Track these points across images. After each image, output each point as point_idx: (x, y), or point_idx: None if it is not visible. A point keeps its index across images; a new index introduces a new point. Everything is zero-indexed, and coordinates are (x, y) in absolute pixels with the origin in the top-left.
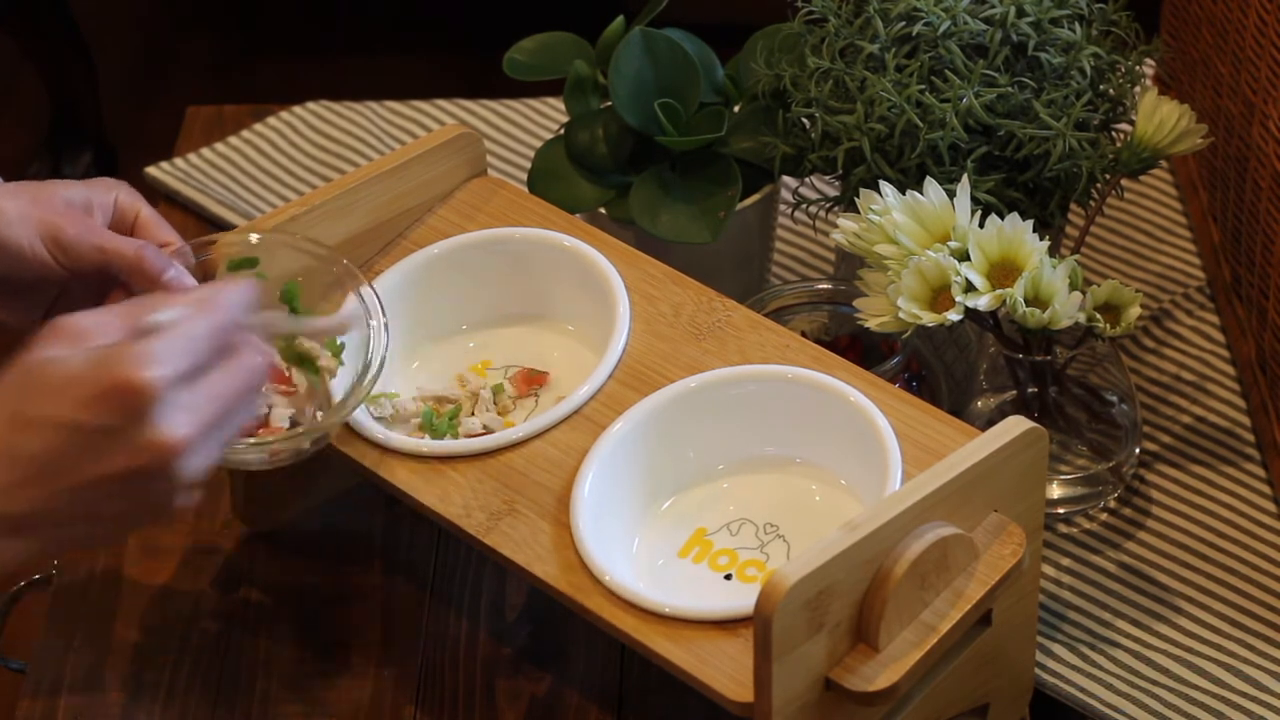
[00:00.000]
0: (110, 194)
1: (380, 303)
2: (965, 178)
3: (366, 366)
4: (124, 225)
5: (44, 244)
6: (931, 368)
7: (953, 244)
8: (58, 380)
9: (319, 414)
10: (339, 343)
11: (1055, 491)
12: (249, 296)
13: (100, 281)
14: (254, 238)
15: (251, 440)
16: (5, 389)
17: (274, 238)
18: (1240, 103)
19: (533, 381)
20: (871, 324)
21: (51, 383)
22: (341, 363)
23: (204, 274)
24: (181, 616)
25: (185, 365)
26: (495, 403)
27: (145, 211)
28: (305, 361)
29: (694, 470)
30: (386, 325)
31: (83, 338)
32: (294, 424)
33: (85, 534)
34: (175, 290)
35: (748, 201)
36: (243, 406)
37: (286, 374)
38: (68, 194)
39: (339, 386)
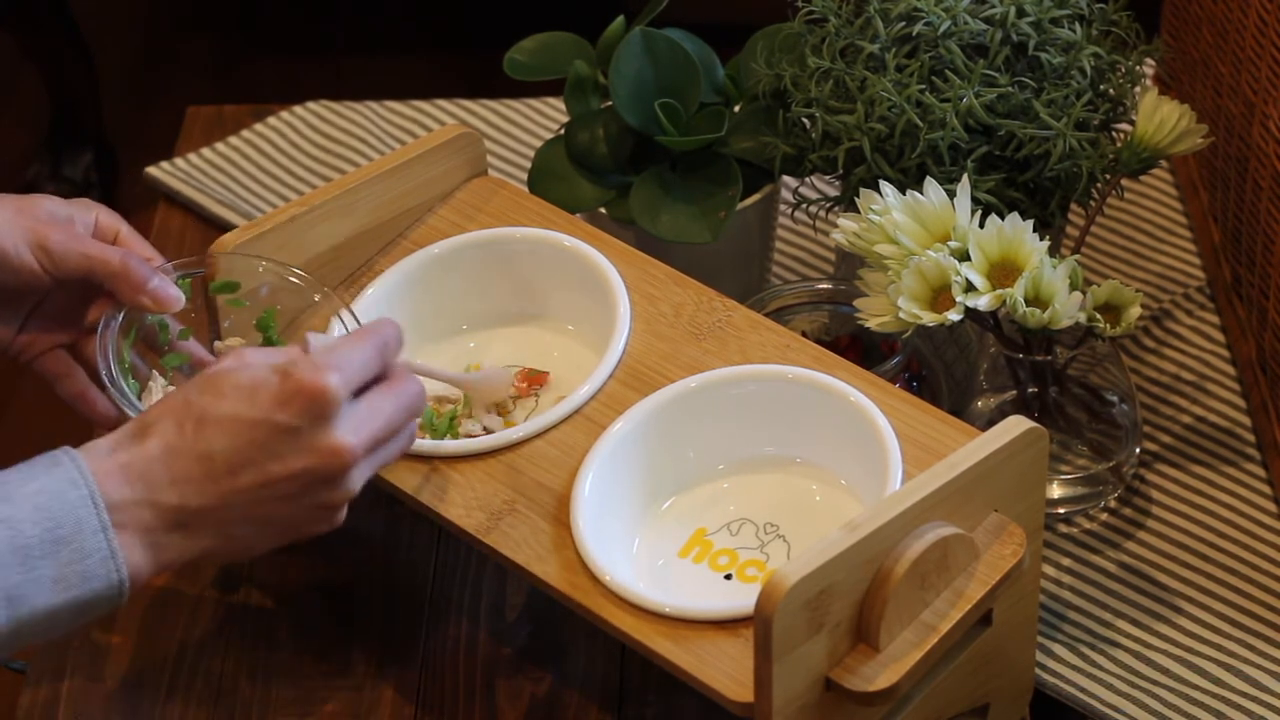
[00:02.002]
0: (91, 213)
1: (354, 316)
2: (965, 178)
3: None
4: (105, 241)
5: (30, 250)
6: (931, 368)
7: (953, 244)
8: (242, 383)
9: None
10: (282, 343)
11: (1055, 491)
12: (400, 330)
13: (83, 290)
14: (251, 264)
15: None
16: (189, 393)
17: (266, 265)
18: (1240, 103)
19: (533, 381)
20: (871, 324)
21: (236, 385)
22: None
23: (195, 290)
24: (181, 617)
25: (358, 379)
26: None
27: (125, 230)
28: None
29: (694, 470)
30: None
31: (250, 359)
32: None
33: (249, 537)
34: (161, 300)
35: (748, 201)
36: (404, 429)
37: None
38: (51, 207)
39: None
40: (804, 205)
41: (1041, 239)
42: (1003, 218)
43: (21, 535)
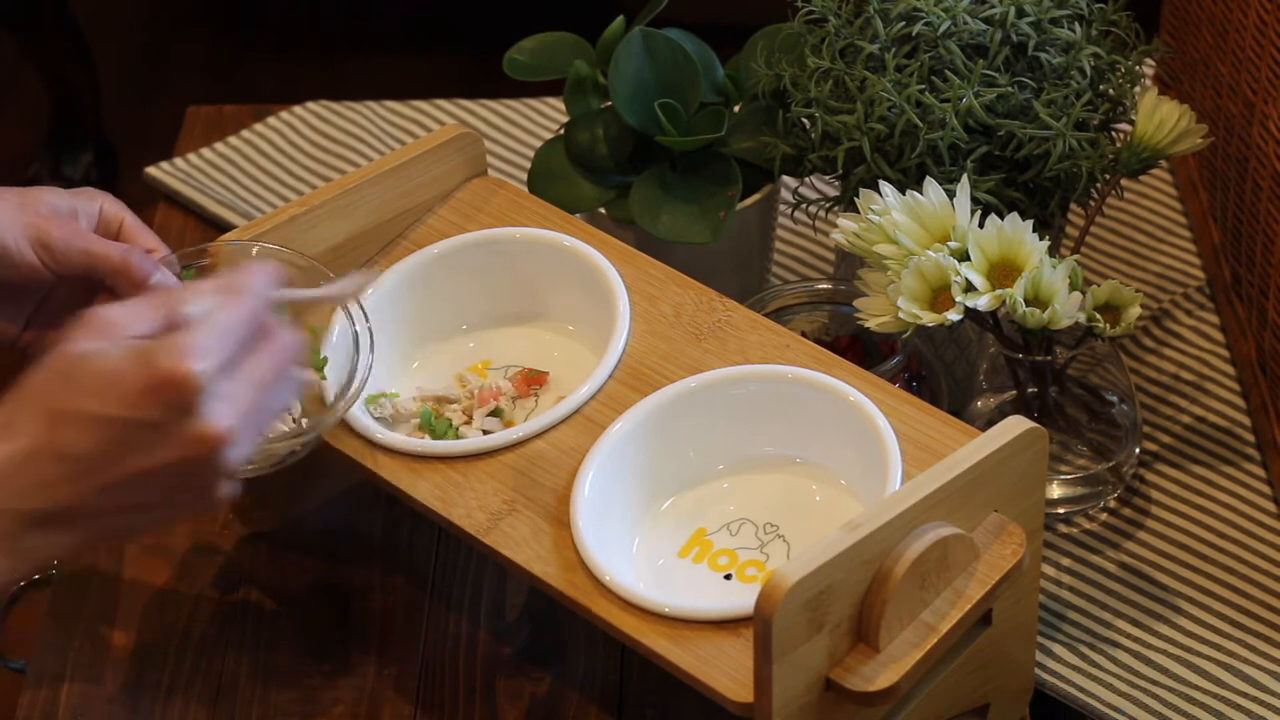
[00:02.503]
0: (95, 203)
1: (364, 309)
2: (965, 178)
3: (353, 373)
4: (109, 233)
5: (31, 247)
6: (931, 368)
7: (953, 244)
8: (100, 375)
9: (304, 420)
10: (322, 356)
11: (1055, 491)
12: (272, 278)
13: (86, 286)
14: (254, 249)
15: None
16: (45, 385)
17: (264, 248)
18: (1240, 103)
19: (533, 381)
20: (871, 324)
21: (94, 377)
22: (324, 376)
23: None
24: (181, 616)
25: (224, 355)
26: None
27: (130, 220)
28: None
29: (694, 470)
30: (371, 329)
31: (116, 328)
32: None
33: (127, 525)
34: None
35: (748, 201)
36: (280, 389)
37: None
38: (54, 201)
39: (330, 387)
40: (804, 205)
41: (1041, 239)
42: (1003, 218)
43: None
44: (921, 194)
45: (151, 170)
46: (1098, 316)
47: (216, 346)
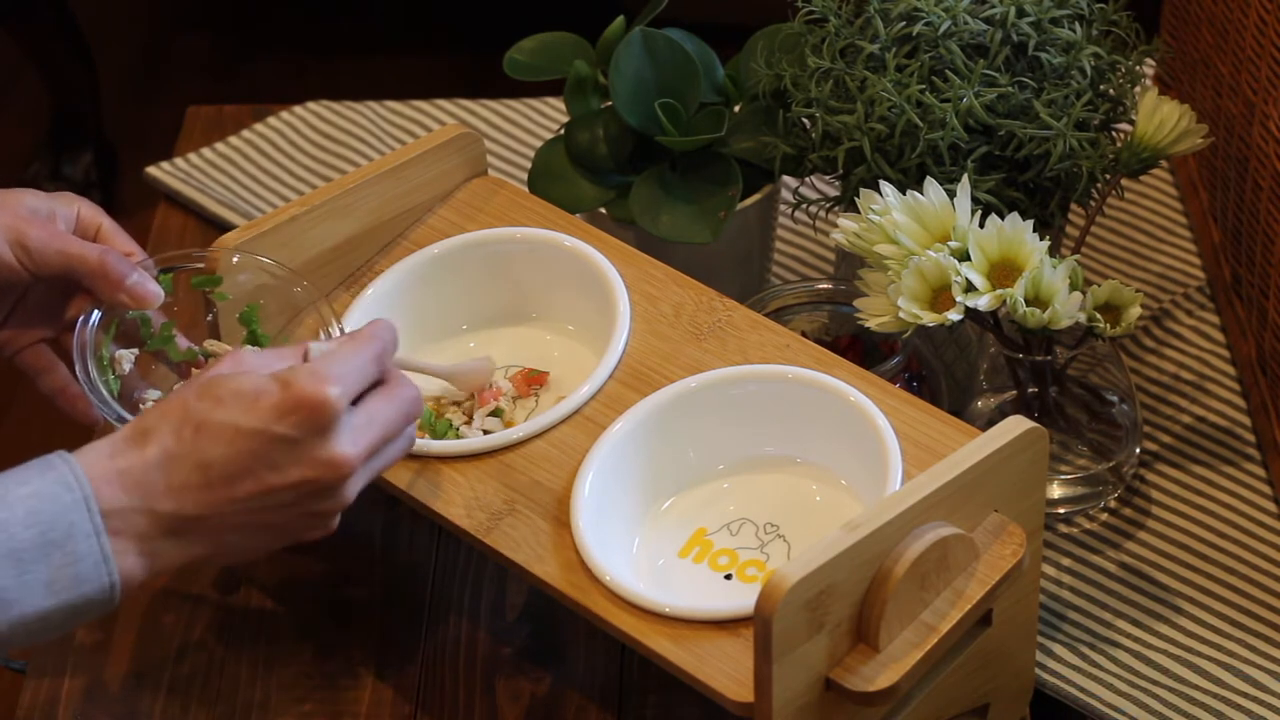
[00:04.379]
0: (73, 206)
1: (339, 323)
2: (965, 178)
3: None
4: (87, 235)
5: (9, 247)
6: (932, 368)
7: (953, 244)
8: (241, 391)
9: None
10: (265, 337)
11: (1055, 491)
12: (395, 331)
13: (62, 287)
14: (234, 258)
15: None
16: (186, 399)
17: (243, 258)
18: (1240, 103)
19: (533, 381)
20: (871, 324)
21: (235, 393)
22: None
23: (177, 288)
24: (181, 616)
25: (356, 388)
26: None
27: (107, 224)
28: None
29: (694, 470)
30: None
31: (249, 362)
32: None
33: (243, 543)
34: (140, 297)
35: (748, 201)
36: (402, 434)
37: None
38: (32, 202)
39: None
40: (804, 205)
41: (1041, 239)
42: (1003, 218)
43: (14, 539)
44: (922, 194)
45: (151, 170)
46: (1098, 316)
47: (352, 379)
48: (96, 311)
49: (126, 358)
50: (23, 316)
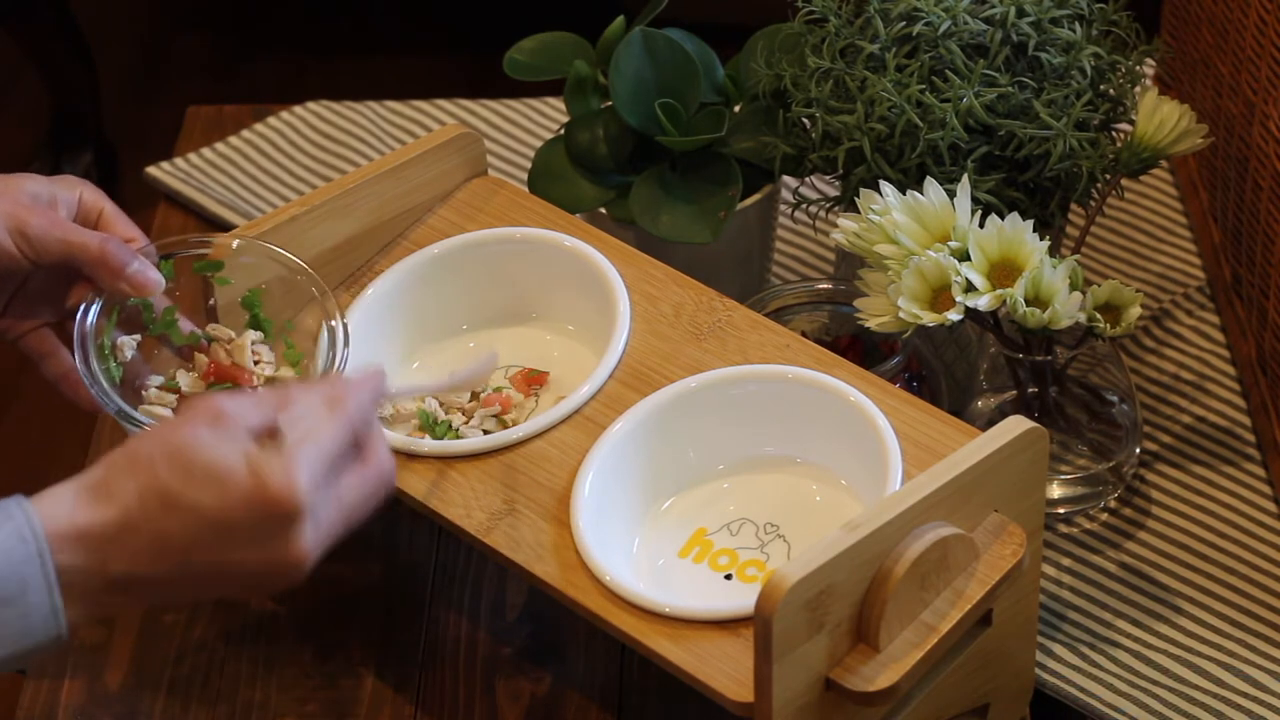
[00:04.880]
0: (74, 191)
1: (344, 321)
2: (965, 178)
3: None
4: (88, 221)
5: (9, 235)
6: (932, 368)
7: (953, 244)
8: (212, 470)
9: None
10: (300, 358)
11: (1055, 491)
12: (379, 388)
13: (63, 274)
14: (235, 243)
15: None
16: (154, 460)
17: (244, 244)
18: (1240, 103)
19: (533, 381)
20: (871, 324)
21: (205, 469)
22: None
23: (179, 273)
24: (181, 616)
25: (323, 475)
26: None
27: (109, 208)
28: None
29: (694, 470)
30: (348, 338)
31: (229, 420)
32: None
33: (197, 597)
34: (140, 284)
35: (748, 201)
36: (366, 512)
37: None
38: (33, 188)
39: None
40: (804, 205)
41: (1041, 239)
42: (1003, 218)
43: None
44: (922, 194)
45: (151, 170)
46: (1098, 316)
47: (324, 465)
48: (97, 301)
49: (129, 344)
50: (24, 302)
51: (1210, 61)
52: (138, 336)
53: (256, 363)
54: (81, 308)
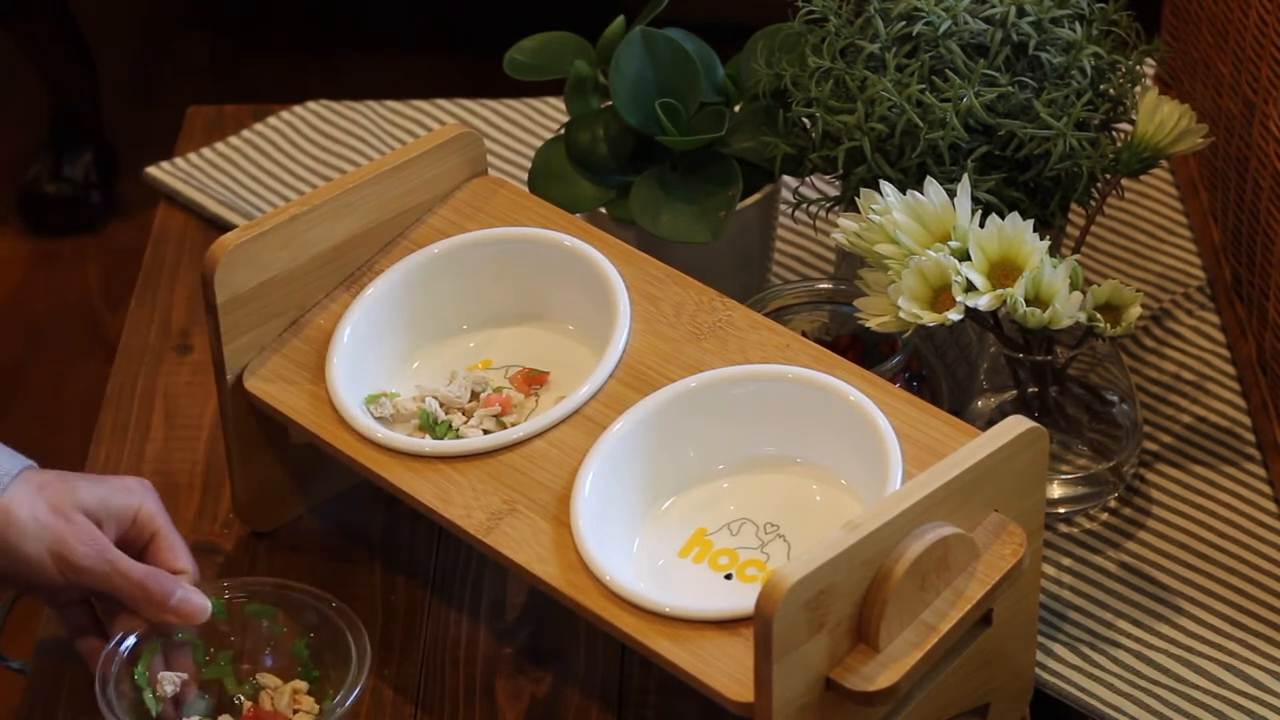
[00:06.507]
0: (132, 502)
1: (369, 656)
2: (965, 177)
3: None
4: (140, 539)
5: (51, 558)
6: (932, 367)
7: (953, 244)
8: None
9: None
10: (315, 673)
11: (1056, 491)
12: None
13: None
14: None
15: None
16: None
17: (289, 594)
18: (1240, 103)
19: (533, 381)
20: (872, 324)
21: None
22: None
23: (233, 615)
24: None
25: None
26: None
27: (163, 530)
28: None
29: (694, 470)
30: (369, 668)
31: None
32: None
33: None
34: (188, 614)
35: (748, 201)
36: None
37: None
38: (87, 497)
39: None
40: (804, 205)
41: (1041, 239)
42: (1003, 218)
43: None
44: (922, 194)
45: (151, 170)
46: (1098, 316)
47: None
48: (132, 638)
49: (170, 679)
50: (64, 596)
51: (1210, 61)
52: (183, 676)
53: (296, 712)
54: (114, 641)
